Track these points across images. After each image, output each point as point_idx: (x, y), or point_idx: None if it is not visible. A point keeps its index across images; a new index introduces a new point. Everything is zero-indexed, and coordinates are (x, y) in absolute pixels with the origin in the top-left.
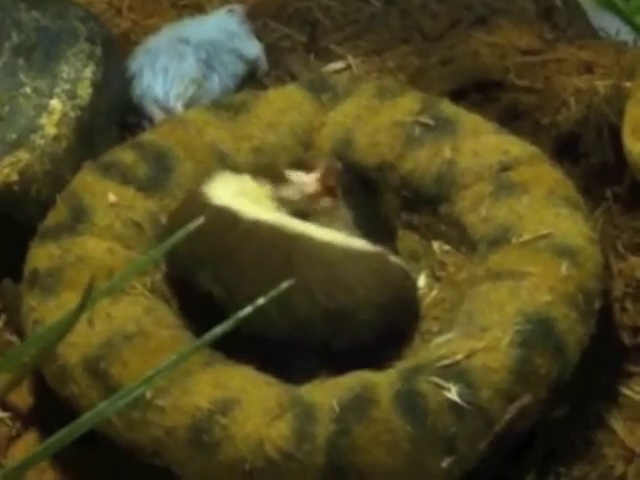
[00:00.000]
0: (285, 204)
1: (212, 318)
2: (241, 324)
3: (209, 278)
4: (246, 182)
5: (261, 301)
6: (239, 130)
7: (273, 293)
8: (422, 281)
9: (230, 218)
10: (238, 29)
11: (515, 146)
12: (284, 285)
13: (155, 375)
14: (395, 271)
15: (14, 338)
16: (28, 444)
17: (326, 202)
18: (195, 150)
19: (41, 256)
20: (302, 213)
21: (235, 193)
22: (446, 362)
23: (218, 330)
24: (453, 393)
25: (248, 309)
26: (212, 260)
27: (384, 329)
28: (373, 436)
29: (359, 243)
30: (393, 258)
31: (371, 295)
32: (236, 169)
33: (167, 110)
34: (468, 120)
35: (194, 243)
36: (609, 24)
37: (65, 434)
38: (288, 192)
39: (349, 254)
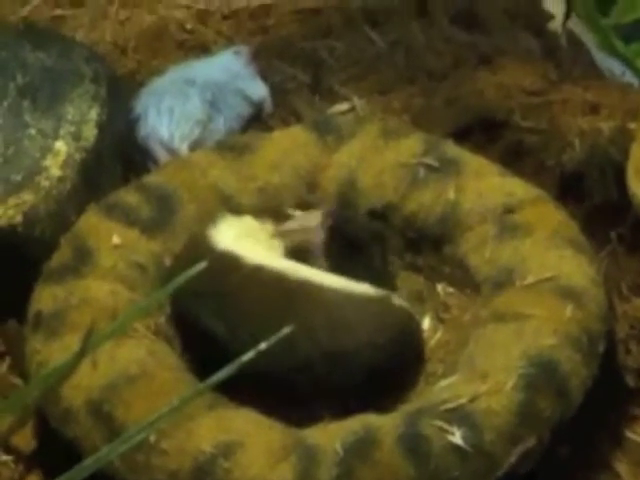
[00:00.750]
0: (285, 237)
1: (215, 357)
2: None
3: (212, 318)
4: (248, 223)
5: (263, 346)
6: (243, 171)
7: (275, 338)
8: (426, 323)
9: (233, 262)
10: (243, 70)
11: (519, 188)
12: (285, 330)
13: (159, 419)
14: (398, 313)
15: (18, 381)
16: None
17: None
18: (199, 192)
19: (45, 298)
20: (300, 247)
21: (238, 236)
22: (450, 405)
23: (221, 374)
24: (457, 437)
25: (250, 354)
26: (215, 301)
27: (386, 371)
28: (377, 479)
29: (361, 287)
30: (397, 301)
31: (372, 337)
32: (240, 210)
33: (172, 151)
34: (472, 161)
35: (198, 284)
36: (614, 64)
37: (68, 478)
38: (289, 226)
39: (351, 297)
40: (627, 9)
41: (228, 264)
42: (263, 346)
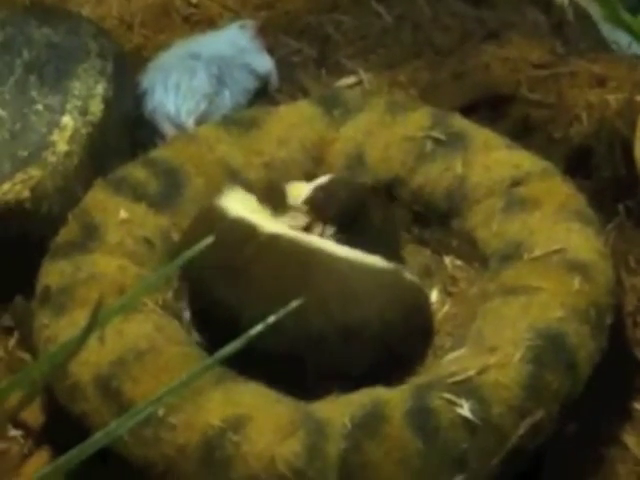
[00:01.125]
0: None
1: (225, 329)
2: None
3: (224, 289)
4: (254, 203)
5: (272, 319)
6: (250, 146)
7: (284, 311)
8: (434, 296)
9: (249, 230)
10: (249, 44)
11: (526, 161)
12: (294, 303)
13: (167, 394)
14: (409, 288)
15: (27, 356)
16: (40, 462)
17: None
18: (206, 166)
19: (53, 274)
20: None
21: (252, 206)
22: (458, 378)
23: (230, 348)
24: (465, 409)
25: (259, 327)
26: (228, 271)
27: (396, 344)
28: (385, 453)
29: (374, 259)
30: (408, 275)
31: (383, 310)
32: (247, 185)
33: (179, 126)
34: (479, 135)
35: (211, 254)
36: (621, 37)
37: (77, 453)
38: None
39: (363, 269)
40: None
41: (243, 232)
42: (272, 319)
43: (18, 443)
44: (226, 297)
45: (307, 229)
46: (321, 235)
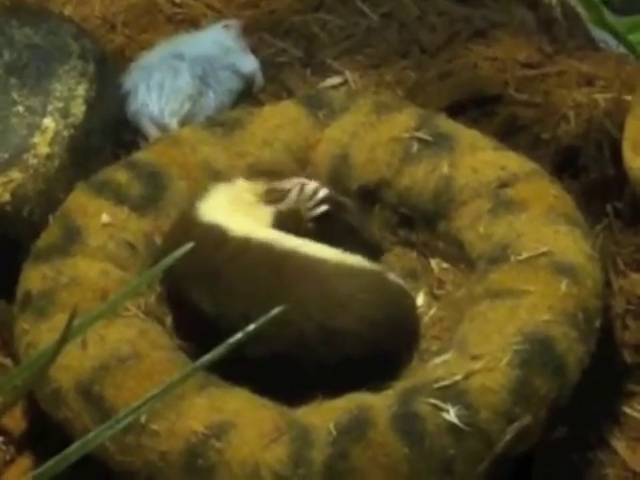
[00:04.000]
0: (279, 199)
1: (205, 334)
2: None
3: (201, 295)
4: (239, 187)
5: (251, 327)
6: (234, 147)
7: (264, 319)
8: (421, 300)
9: (220, 235)
10: (234, 44)
11: (513, 162)
12: (275, 311)
13: (150, 400)
14: (392, 289)
15: (7, 361)
16: (22, 469)
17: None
18: (189, 169)
19: (34, 278)
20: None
21: (227, 205)
22: (444, 383)
23: (211, 355)
24: (451, 415)
25: (239, 335)
26: (204, 277)
27: (380, 347)
28: (370, 459)
29: (354, 259)
30: (392, 276)
31: (365, 311)
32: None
33: (162, 127)
34: (466, 135)
35: (186, 260)
36: (609, 36)
37: (59, 460)
38: (285, 185)
39: (343, 270)
40: None
41: (214, 238)
42: (251, 327)
43: (0, 450)
44: (203, 303)
45: (301, 190)
46: (313, 195)
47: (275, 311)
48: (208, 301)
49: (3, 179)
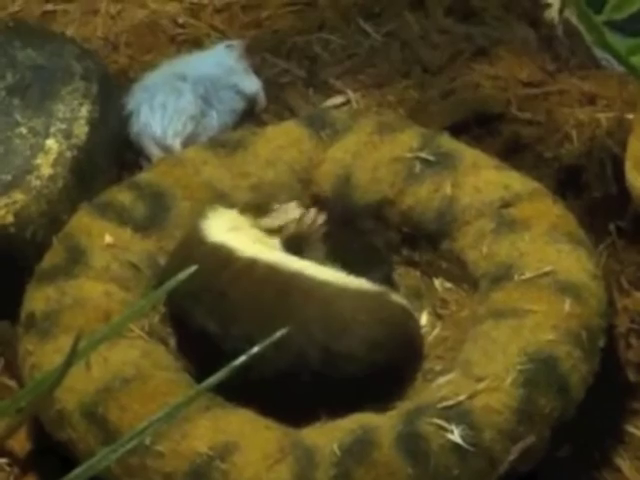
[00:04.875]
0: (273, 233)
1: (209, 356)
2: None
3: (204, 315)
4: (235, 216)
5: (255, 350)
6: (237, 168)
7: (267, 341)
8: (424, 319)
9: (226, 255)
10: (236, 64)
11: (516, 181)
12: (278, 334)
13: (153, 424)
14: (395, 310)
15: (12, 382)
16: None
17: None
18: (192, 189)
19: (38, 299)
20: (296, 237)
21: (231, 228)
22: (448, 403)
23: (215, 378)
24: (455, 435)
25: (242, 358)
26: (207, 297)
27: (383, 367)
28: (375, 479)
29: (357, 282)
30: (395, 297)
31: (369, 333)
32: (234, 207)
33: (165, 147)
34: (468, 155)
35: (191, 281)
36: None
37: None
38: (272, 222)
39: (346, 292)
40: (622, 4)
41: (220, 258)
42: (255, 350)
43: (4, 471)
44: (206, 323)
45: (300, 220)
46: (313, 223)
47: (278, 334)
48: (212, 320)
49: (6, 200)
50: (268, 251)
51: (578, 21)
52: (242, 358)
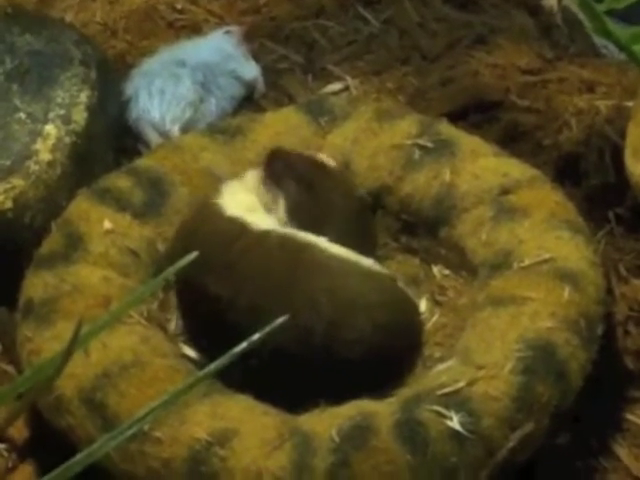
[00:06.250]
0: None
1: (214, 324)
2: (241, 334)
3: (214, 282)
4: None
5: (256, 337)
6: (235, 154)
7: (269, 328)
8: (423, 306)
9: (240, 227)
10: (235, 51)
11: (515, 169)
12: (279, 320)
13: (152, 411)
14: (401, 295)
15: (10, 368)
16: (24, 476)
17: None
18: (191, 175)
19: (36, 285)
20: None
21: (245, 205)
22: (447, 390)
23: (217, 363)
24: (454, 422)
25: (244, 344)
26: (218, 265)
27: (384, 351)
28: (373, 466)
29: (368, 262)
30: (401, 284)
31: (373, 312)
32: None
33: (163, 133)
34: (467, 142)
35: (203, 250)
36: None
37: (63, 470)
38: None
39: (357, 269)
40: None
41: (235, 229)
42: (256, 337)
43: (2, 457)
44: (215, 292)
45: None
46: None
47: (280, 320)
48: (219, 287)
49: (5, 186)
50: (281, 226)
51: (578, 9)
52: (243, 345)
